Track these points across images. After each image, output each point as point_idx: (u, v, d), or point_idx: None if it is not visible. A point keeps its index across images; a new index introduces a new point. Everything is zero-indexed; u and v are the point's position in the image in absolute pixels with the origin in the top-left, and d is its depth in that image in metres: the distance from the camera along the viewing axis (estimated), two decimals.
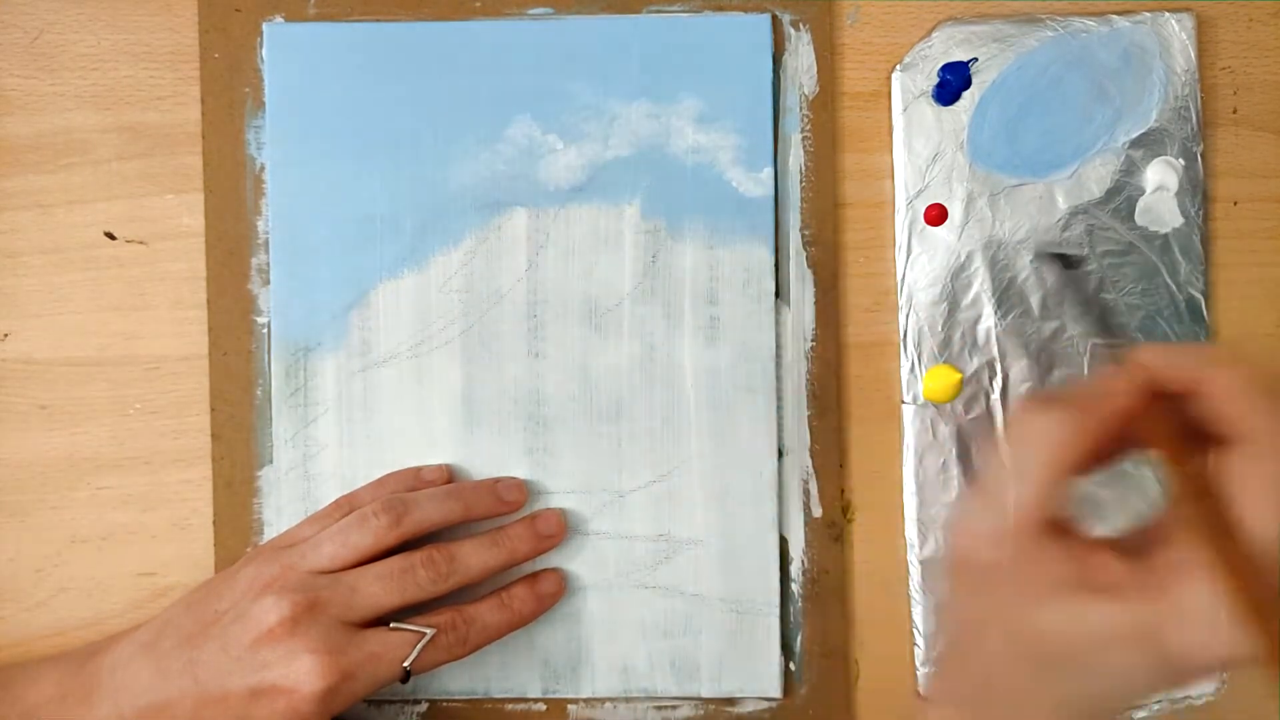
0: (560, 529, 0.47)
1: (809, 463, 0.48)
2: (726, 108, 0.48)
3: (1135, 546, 0.31)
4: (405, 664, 0.42)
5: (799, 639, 0.48)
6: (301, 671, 0.41)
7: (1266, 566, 0.28)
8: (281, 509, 0.48)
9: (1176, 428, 0.32)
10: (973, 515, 0.33)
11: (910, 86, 0.48)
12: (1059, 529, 0.32)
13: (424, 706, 0.48)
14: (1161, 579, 0.30)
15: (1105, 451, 0.33)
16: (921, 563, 0.48)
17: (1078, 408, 0.32)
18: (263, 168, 0.48)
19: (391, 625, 0.43)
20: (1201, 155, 0.48)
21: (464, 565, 0.44)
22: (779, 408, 0.48)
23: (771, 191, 0.48)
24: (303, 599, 0.42)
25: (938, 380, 0.48)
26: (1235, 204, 0.49)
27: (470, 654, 0.44)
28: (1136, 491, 0.45)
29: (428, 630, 0.43)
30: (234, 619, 0.42)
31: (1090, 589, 0.31)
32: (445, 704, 0.48)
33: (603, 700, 0.48)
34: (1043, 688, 0.32)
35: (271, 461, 0.48)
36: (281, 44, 0.48)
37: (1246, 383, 0.31)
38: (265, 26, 0.48)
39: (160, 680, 0.42)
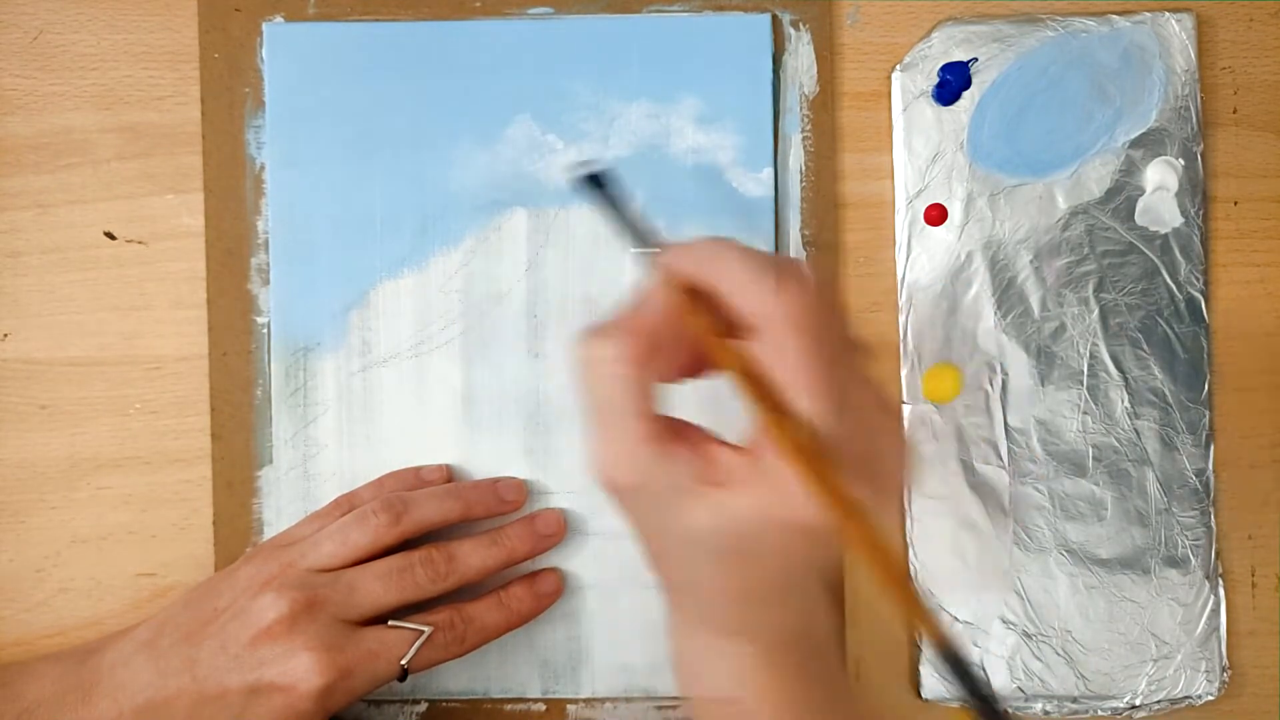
0: (560, 529, 0.47)
1: None
2: (726, 108, 0.48)
3: (749, 440, 0.34)
4: (403, 662, 0.42)
5: None
6: (300, 669, 0.41)
7: (820, 437, 0.31)
8: (281, 509, 0.48)
9: (716, 322, 0.33)
10: (596, 451, 0.34)
11: (910, 86, 0.48)
12: (678, 436, 0.34)
13: (423, 706, 0.48)
14: (762, 463, 0.32)
15: (680, 357, 0.35)
16: (921, 563, 0.48)
17: (622, 326, 0.33)
18: (263, 168, 0.48)
19: (389, 624, 0.43)
20: (1201, 155, 0.48)
21: (463, 565, 0.44)
22: None
23: (771, 191, 0.48)
24: (301, 597, 0.42)
25: (938, 380, 0.48)
26: (1235, 204, 0.49)
27: (468, 653, 0.44)
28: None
29: (425, 629, 0.43)
30: (233, 617, 0.42)
31: (712, 483, 0.33)
32: (445, 704, 0.48)
33: (603, 700, 0.48)
34: (718, 580, 0.35)
35: (271, 461, 0.48)
36: (281, 44, 0.48)
37: (750, 273, 0.32)
38: (265, 26, 0.48)
39: (159, 678, 0.42)
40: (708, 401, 0.39)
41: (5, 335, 0.48)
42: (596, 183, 0.38)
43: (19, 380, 0.48)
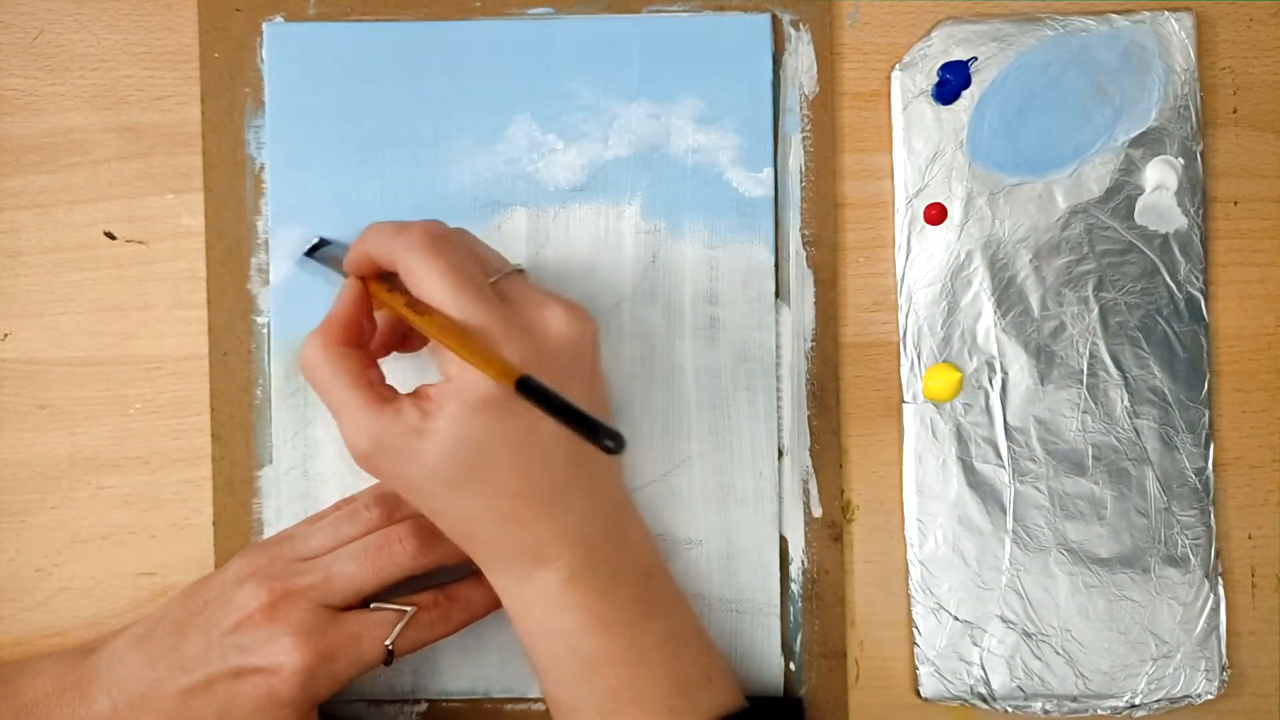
0: None
1: (809, 462, 0.48)
2: (726, 108, 0.48)
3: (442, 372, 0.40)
4: (387, 643, 0.42)
5: (799, 639, 0.48)
6: (280, 653, 0.41)
7: (463, 322, 0.38)
8: (281, 509, 0.48)
9: (396, 287, 0.41)
10: (340, 433, 0.40)
11: (910, 86, 0.48)
12: (398, 394, 0.40)
13: (424, 706, 0.48)
14: (450, 377, 0.39)
15: (386, 332, 0.44)
16: (921, 562, 0.48)
17: (324, 321, 0.41)
18: (262, 167, 0.48)
19: (372, 605, 0.43)
20: (1201, 155, 0.48)
21: (444, 540, 0.43)
22: (779, 408, 0.48)
23: (771, 191, 0.48)
24: (280, 586, 0.42)
25: (937, 379, 0.48)
26: (1235, 204, 0.49)
27: (454, 632, 0.44)
28: None
29: (408, 609, 0.43)
30: (218, 606, 0.42)
31: (431, 417, 0.39)
32: (445, 704, 0.48)
33: None
34: (484, 503, 0.40)
35: (271, 461, 0.48)
36: (281, 44, 0.48)
37: (385, 235, 0.40)
38: (265, 26, 0.48)
39: (150, 672, 0.42)
40: None
41: (5, 335, 0.48)
42: (313, 251, 0.47)
43: (19, 380, 0.48)
